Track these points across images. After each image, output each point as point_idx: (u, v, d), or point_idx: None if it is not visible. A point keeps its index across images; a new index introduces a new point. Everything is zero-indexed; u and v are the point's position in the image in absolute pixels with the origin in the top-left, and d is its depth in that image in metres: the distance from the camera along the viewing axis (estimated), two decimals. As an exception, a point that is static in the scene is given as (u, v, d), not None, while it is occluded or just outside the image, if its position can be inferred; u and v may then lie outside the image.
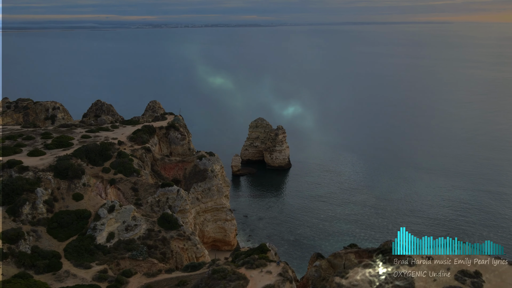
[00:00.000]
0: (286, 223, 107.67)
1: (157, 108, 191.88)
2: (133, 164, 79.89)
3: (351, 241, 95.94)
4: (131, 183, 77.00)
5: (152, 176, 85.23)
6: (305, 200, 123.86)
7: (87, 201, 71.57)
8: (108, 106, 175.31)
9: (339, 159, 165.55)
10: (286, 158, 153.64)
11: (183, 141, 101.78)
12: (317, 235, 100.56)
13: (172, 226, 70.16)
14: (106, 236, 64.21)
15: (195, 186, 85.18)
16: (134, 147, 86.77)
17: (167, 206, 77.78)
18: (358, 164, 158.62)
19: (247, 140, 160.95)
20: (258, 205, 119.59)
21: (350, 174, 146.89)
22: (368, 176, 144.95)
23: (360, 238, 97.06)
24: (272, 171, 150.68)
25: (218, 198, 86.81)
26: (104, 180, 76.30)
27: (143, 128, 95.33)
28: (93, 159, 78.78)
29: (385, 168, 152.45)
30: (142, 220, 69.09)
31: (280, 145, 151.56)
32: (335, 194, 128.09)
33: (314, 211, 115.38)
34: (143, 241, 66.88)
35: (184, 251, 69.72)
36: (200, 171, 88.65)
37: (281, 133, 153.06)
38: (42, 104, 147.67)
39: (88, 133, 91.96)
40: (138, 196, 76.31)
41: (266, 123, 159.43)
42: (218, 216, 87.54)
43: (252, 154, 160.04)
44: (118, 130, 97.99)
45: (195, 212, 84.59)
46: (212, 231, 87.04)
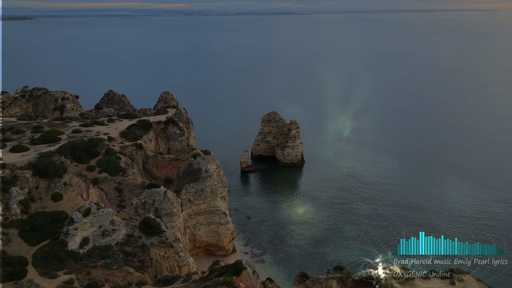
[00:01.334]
0: (290, 226, 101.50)
1: (169, 99, 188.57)
2: (120, 162, 75.89)
3: (358, 251, 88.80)
4: (115, 183, 73.09)
5: (142, 175, 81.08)
6: (314, 201, 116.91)
7: (66, 202, 68.23)
8: (120, 96, 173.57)
9: (359, 157, 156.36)
10: (299, 155, 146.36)
11: (182, 137, 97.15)
12: (322, 242, 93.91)
13: (153, 231, 65.75)
14: (80, 242, 60.53)
15: (187, 187, 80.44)
16: (125, 143, 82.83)
17: (153, 208, 73.52)
18: (379, 164, 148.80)
19: (259, 135, 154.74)
20: (263, 205, 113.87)
21: (369, 175, 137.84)
22: (390, 178, 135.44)
23: (367, 250, 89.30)
24: (283, 169, 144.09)
25: (212, 200, 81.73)
26: (88, 179, 72.78)
27: (138, 123, 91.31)
28: (78, 156, 75.41)
29: (411, 170, 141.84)
30: (121, 225, 64.96)
31: (292, 141, 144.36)
32: (349, 196, 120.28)
33: (323, 214, 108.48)
34: (121, 248, 62.83)
35: (165, 259, 65.20)
36: (194, 170, 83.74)
37: (294, 128, 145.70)
38: (52, 94, 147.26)
39: (81, 128, 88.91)
40: (122, 197, 72.36)
41: (279, 117, 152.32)
42: (211, 219, 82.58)
43: (263, 149, 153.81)
44: (114, 124, 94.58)
45: (187, 215, 79.98)
46: (205, 235, 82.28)
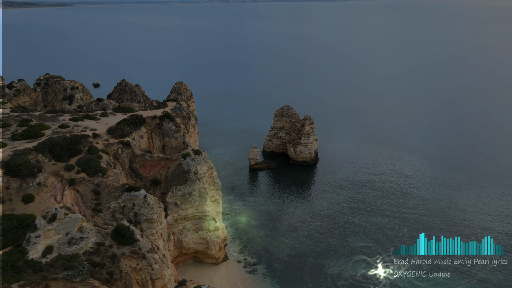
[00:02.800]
0: (292, 233, 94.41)
1: (182, 90, 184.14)
2: (101, 162, 71.30)
3: (361, 269, 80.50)
4: (93, 185, 68.64)
5: (127, 176, 76.32)
6: (324, 205, 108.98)
7: (37, 205, 64.38)
8: (132, 86, 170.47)
9: (379, 157, 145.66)
10: (313, 153, 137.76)
11: (177, 134, 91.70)
12: (324, 253, 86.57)
13: (126, 240, 60.79)
14: (42, 250, 56.29)
15: (173, 190, 74.99)
16: (110, 141, 78.23)
17: (132, 213, 68.68)
18: (402, 166, 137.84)
19: (271, 130, 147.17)
20: (267, 208, 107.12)
21: (389, 178, 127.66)
22: (412, 182, 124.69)
23: (372, 268, 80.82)
24: (294, 167, 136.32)
25: (201, 205, 75.96)
26: (64, 179, 68.58)
27: (129, 118, 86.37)
28: (57, 154, 71.50)
29: (437, 174, 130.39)
30: (91, 232, 60.33)
31: (306, 138, 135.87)
32: (363, 201, 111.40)
33: (331, 221, 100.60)
34: (88, 257, 58.28)
35: (136, 271, 60.14)
36: (183, 171, 78.08)
37: (308, 124, 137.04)
38: (61, 83, 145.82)
39: (70, 122, 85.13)
40: (99, 201, 67.84)
41: (292, 112, 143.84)
42: (199, 226, 76.95)
43: (276, 145, 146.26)
44: (106, 119, 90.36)
45: (173, 220, 74.69)
46: (192, 241, 76.84)
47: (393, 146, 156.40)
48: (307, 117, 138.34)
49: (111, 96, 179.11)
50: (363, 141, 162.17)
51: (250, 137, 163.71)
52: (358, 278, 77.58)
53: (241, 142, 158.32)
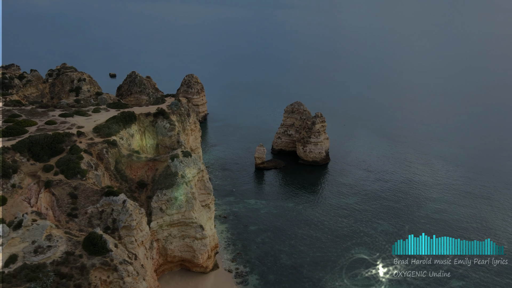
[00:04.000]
0: (291, 240, 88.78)
1: (193, 83, 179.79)
2: (81, 163, 67.58)
3: (362, 280, 74.04)
4: (70, 188, 65.03)
5: (111, 177, 72.42)
6: (330, 211, 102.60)
7: (9, 208, 61.23)
8: (141, 79, 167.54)
9: (398, 160, 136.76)
10: (323, 152, 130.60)
11: (171, 132, 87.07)
12: (323, 265, 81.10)
13: (97, 250, 56.89)
14: (6, 260, 52.76)
15: (159, 194, 70.61)
16: (95, 140, 74.39)
17: (111, 219, 64.60)
18: (421, 170, 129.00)
19: (281, 127, 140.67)
20: (268, 211, 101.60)
21: (404, 183, 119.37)
22: (428, 188, 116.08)
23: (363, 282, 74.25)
24: (303, 167, 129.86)
25: (187, 211, 71.30)
26: (41, 181, 65.08)
27: (120, 115, 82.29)
28: (37, 153, 68.19)
29: (459, 180, 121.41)
30: (60, 240, 56.74)
31: (316, 136, 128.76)
32: (373, 208, 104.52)
33: (334, 228, 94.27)
34: (56, 268, 54.76)
35: (106, 284, 56.22)
36: (170, 174, 73.45)
37: (319, 122, 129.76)
38: (68, 74, 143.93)
39: (59, 118, 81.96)
40: (76, 205, 64.17)
41: (303, 109, 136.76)
42: (186, 233, 72.44)
43: (285, 143, 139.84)
44: (97, 115, 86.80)
45: (157, 226, 70.43)
46: (178, 249, 72.46)
47: (416, 148, 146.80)
48: (318, 114, 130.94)
49: (121, 88, 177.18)
50: (382, 141, 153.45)
51: (262, 133, 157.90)
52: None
53: (251, 139, 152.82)
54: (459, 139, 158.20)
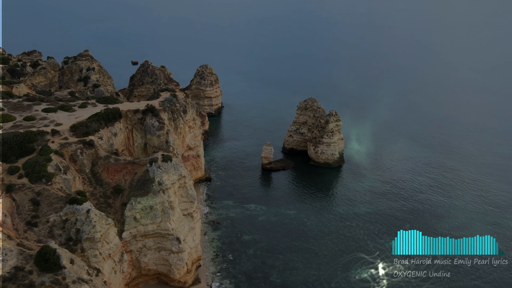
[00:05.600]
0: (287, 254, 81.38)
1: (206, 74, 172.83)
2: (49, 165, 62.49)
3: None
4: (33, 193, 60.32)
5: (85, 182, 67.31)
6: (336, 221, 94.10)
7: (-36, 214, 56.89)
8: (153, 69, 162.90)
9: (424, 166, 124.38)
10: (336, 154, 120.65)
11: (160, 131, 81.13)
12: (317, 283, 72.06)
13: (49, 267, 52.02)
14: None
15: (133, 202, 64.84)
16: (70, 139, 69.35)
17: (74, 229, 59.49)
18: (446, 178, 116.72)
19: (293, 125, 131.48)
20: (266, 219, 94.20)
21: (425, 192, 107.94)
22: (451, 199, 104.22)
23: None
24: (314, 169, 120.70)
25: (163, 222, 65.15)
26: (3, 184, 60.56)
27: (103, 112, 76.81)
28: (5, 153, 63.70)
29: (486, 190, 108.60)
30: (10, 254, 52.23)
31: (329, 136, 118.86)
32: (386, 219, 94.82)
33: (338, 242, 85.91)
34: (2, 284, 49.94)
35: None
36: (148, 180, 67.28)
37: (333, 121, 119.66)
38: (78, 63, 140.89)
39: (40, 113, 77.55)
40: (37, 212, 59.47)
41: (317, 106, 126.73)
42: (162, 245, 66.41)
43: (296, 142, 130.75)
44: (82, 111, 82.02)
45: (131, 236, 64.78)
46: (154, 262, 66.71)
47: (445, 153, 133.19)
48: (333, 112, 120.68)
49: (133, 77, 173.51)
50: (409, 144, 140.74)
51: (276, 130, 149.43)
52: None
53: (264, 136, 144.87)
54: (495, 148, 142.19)
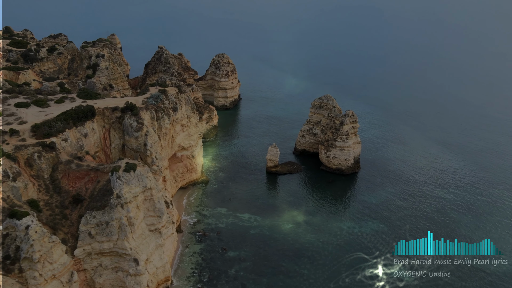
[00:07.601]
0: (273, 277, 72.21)
1: (222, 64, 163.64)
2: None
3: None
4: (-27, 203, 54.06)
5: (41, 189, 61.20)
6: (335, 239, 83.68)
7: None
8: (167, 56, 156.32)
9: (451, 176, 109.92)
10: (350, 159, 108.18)
11: (138, 132, 73.77)
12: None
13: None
14: None
15: (88, 215, 57.75)
16: (28, 141, 63.17)
17: (14, 246, 53.33)
18: (472, 193, 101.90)
19: (306, 124, 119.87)
20: (259, 232, 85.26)
21: (452, 211, 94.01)
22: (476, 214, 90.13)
23: None
24: (324, 175, 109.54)
25: (120, 240, 57.90)
26: None
27: (74, 110, 70.12)
28: (-47, 155, 58.06)
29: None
30: None
31: (343, 140, 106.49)
32: (395, 237, 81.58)
33: (332, 264, 75.53)
34: None
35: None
36: (108, 191, 59.81)
37: (348, 123, 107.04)
38: (87, 50, 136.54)
39: (10, 109, 72.31)
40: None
41: (332, 105, 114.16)
42: (119, 265, 59.26)
43: (309, 144, 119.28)
44: (57, 107, 76.37)
45: (85, 253, 57.99)
46: (110, 283, 59.90)
47: (477, 162, 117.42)
48: (349, 113, 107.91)
49: (148, 65, 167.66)
50: (439, 151, 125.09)
51: (291, 128, 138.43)
52: None
53: (276, 134, 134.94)
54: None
